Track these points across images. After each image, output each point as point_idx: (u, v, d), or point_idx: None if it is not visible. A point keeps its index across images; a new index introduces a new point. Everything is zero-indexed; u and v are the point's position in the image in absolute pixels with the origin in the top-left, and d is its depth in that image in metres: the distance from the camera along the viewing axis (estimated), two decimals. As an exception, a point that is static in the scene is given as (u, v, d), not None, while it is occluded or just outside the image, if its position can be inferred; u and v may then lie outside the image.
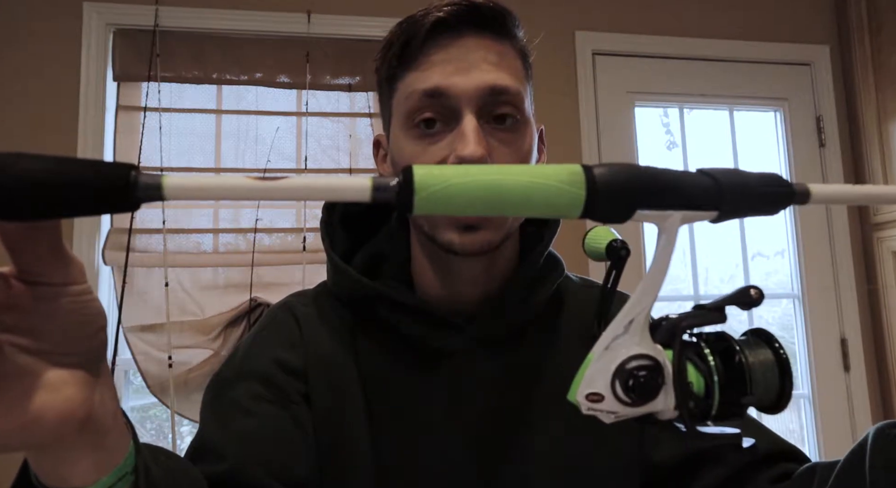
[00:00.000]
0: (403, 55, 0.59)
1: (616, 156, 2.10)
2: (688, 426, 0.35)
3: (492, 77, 0.57)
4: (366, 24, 1.98)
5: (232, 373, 0.64)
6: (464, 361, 0.63)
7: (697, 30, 2.20)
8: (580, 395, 0.35)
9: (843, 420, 2.09)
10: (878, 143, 2.11)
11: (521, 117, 0.60)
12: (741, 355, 0.36)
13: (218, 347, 1.75)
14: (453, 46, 0.58)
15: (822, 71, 2.25)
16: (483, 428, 0.62)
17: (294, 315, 0.67)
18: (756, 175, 0.35)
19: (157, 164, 1.81)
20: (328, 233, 0.69)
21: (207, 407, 0.63)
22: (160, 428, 1.99)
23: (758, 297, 0.36)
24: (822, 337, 2.13)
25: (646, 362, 0.34)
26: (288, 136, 1.94)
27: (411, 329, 0.63)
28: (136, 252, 1.76)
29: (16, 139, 1.78)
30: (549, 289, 0.67)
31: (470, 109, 0.57)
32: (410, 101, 0.59)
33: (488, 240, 0.59)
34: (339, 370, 0.63)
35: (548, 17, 2.11)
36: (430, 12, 0.58)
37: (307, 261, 1.82)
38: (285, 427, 0.60)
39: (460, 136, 0.56)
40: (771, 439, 0.64)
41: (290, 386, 0.62)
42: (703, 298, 2.16)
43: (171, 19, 1.87)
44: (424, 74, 0.58)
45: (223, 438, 0.59)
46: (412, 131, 0.59)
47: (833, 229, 2.17)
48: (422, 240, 0.65)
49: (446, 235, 0.59)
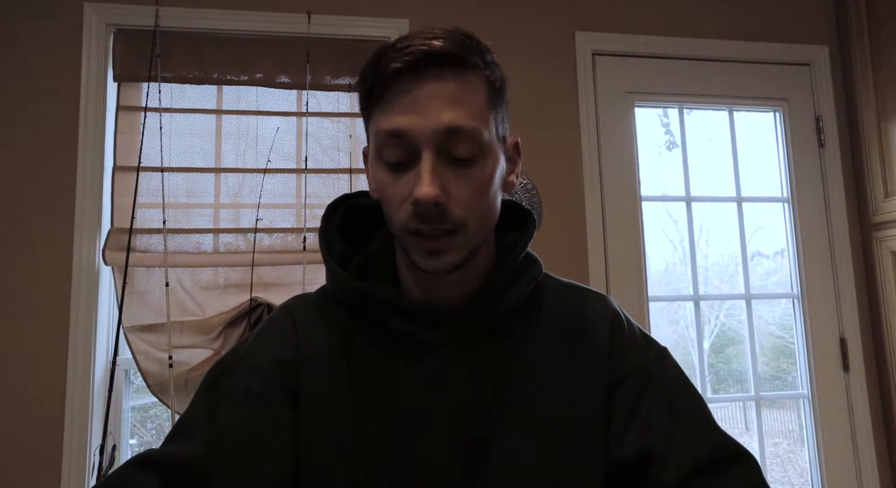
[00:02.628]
0: (371, 95, 0.65)
1: (615, 156, 2.10)
2: None
3: (448, 117, 0.61)
4: (366, 24, 1.98)
5: (232, 365, 0.69)
6: (446, 354, 0.68)
7: (697, 30, 2.20)
8: None
9: (842, 420, 2.09)
10: (877, 144, 2.11)
11: (479, 151, 0.63)
12: None
13: (218, 347, 1.75)
14: (414, 90, 0.62)
15: (821, 71, 2.25)
16: (464, 417, 0.66)
17: (292, 317, 0.73)
18: None
19: (158, 164, 1.82)
20: (326, 240, 0.74)
21: (202, 392, 0.68)
22: (160, 428, 1.99)
23: None
24: (821, 337, 2.13)
25: None
26: (288, 136, 1.94)
27: (397, 324, 0.68)
28: (137, 252, 1.76)
29: (16, 139, 1.78)
30: (526, 286, 0.72)
31: (429, 148, 0.61)
32: (377, 138, 0.64)
33: (452, 262, 0.65)
34: (331, 365, 0.68)
35: (548, 17, 2.11)
36: (393, 59, 0.62)
37: (307, 261, 1.82)
38: (264, 428, 0.64)
39: (417, 176, 0.61)
40: (710, 445, 0.65)
41: (281, 383, 0.67)
42: (703, 298, 2.17)
43: (171, 19, 1.88)
44: (387, 117, 0.63)
45: (205, 426, 0.63)
46: (381, 163, 0.65)
47: (833, 229, 2.18)
48: (401, 252, 0.71)
49: (414, 257, 0.66)
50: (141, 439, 1.97)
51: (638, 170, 2.11)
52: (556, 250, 1.99)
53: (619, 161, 2.10)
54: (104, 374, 1.76)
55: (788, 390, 2.23)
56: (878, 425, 2.09)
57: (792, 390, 2.19)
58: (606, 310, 0.75)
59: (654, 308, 2.08)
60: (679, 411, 0.67)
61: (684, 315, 2.18)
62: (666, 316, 2.33)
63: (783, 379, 2.30)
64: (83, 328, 1.72)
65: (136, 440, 1.94)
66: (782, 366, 2.33)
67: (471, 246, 0.66)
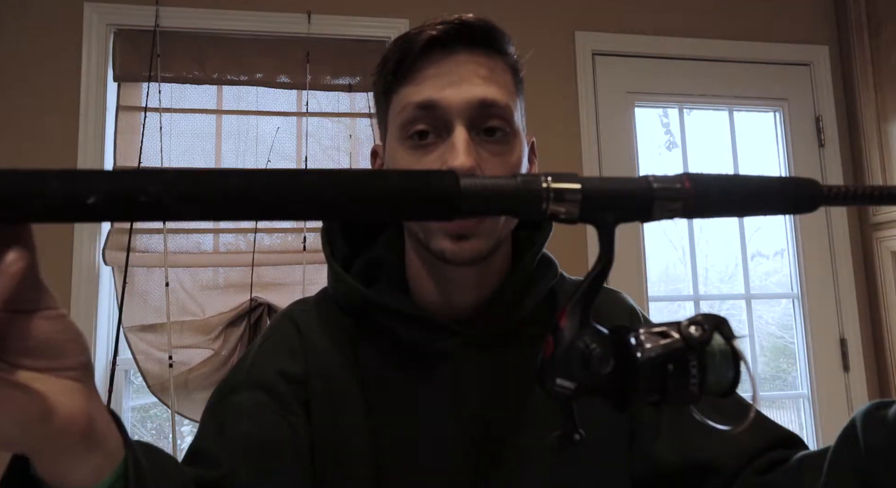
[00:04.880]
0: (399, 70, 0.62)
1: (616, 156, 2.10)
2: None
3: (481, 91, 0.60)
4: (366, 24, 1.98)
5: (238, 381, 0.66)
6: (460, 363, 0.65)
7: (697, 30, 2.20)
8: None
9: (842, 420, 2.06)
10: (877, 143, 2.11)
11: (510, 130, 0.62)
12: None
13: (218, 347, 1.75)
14: (446, 62, 0.60)
15: (821, 71, 2.25)
16: (479, 428, 0.64)
17: (295, 323, 0.70)
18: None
19: (158, 164, 1.82)
20: (329, 240, 0.70)
21: (208, 412, 0.66)
22: (160, 427, 1.99)
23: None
24: (821, 337, 2.13)
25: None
26: (288, 136, 1.94)
27: (408, 333, 0.65)
28: (137, 252, 1.76)
29: (16, 139, 1.78)
30: (542, 291, 0.69)
31: (461, 121, 0.59)
32: (405, 113, 0.61)
33: (479, 248, 0.61)
34: (339, 374, 0.65)
35: (548, 17, 2.11)
36: (425, 30, 0.61)
37: (307, 261, 1.82)
38: (282, 434, 0.62)
39: (451, 148, 0.59)
40: (763, 434, 0.65)
41: (292, 395, 0.64)
42: (703, 298, 2.17)
43: (171, 19, 1.88)
44: (418, 88, 0.60)
45: (219, 444, 0.61)
46: (406, 142, 0.62)
47: (833, 229, 2.18)
48: (416, 248, 0.67)
49: (439, 244, 0.61)
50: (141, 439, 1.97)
51: (638, 169, 2.11)
52: (556, 250, 1.98)
53: (620, 161, 2.10)
54: (104, 374, 1.76)
55: (788, 390, 2.23)
56: (878, 425, 2.09)
57: (792, 390, 2.19)
58: (623, 307, 0.73)
59: (654, 308, 2.08)
60: (718, 403, 0.66)
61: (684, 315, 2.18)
62: (666, 316, 2.33)
63: (783, 379, 2.30)
64: (83, 328, 1.69)
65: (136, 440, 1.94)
66: (782, 366, 2.33)
67: (497, 235, 0.63)
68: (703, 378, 0.37)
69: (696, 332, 0.37)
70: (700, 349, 0.37)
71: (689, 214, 0.37)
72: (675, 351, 0.37)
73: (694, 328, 0.37)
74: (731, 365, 0.37)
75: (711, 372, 0.37)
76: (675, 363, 0.36)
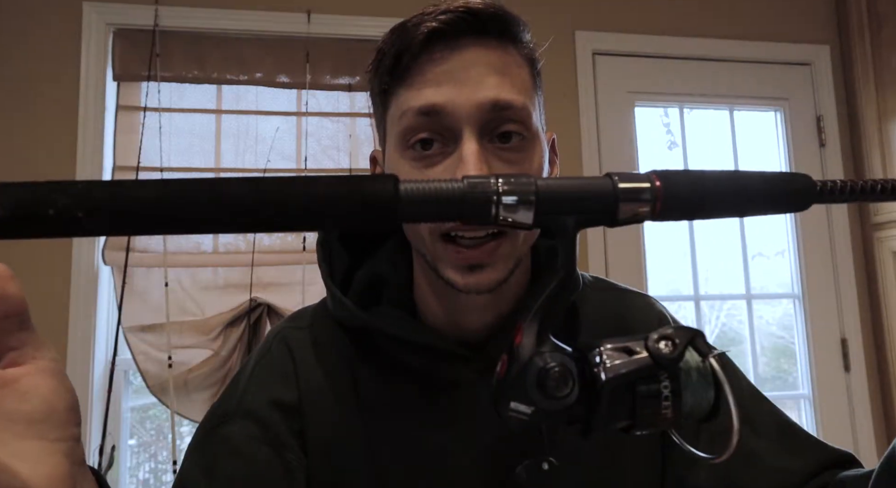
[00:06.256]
0: (396, 69, 0.53)
1: (616, 156, 2.09)
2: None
3: (494, 92, 0.51)
4: (366, 24, 1.97)
5: (228, 411, 0.61)
6: (471, 392, 0.58)
7: (697, 30, 2.19)
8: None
9: (843, 420, 2.09)
10: (878, 143, 2.11)
11: (528, 134, 0.54)
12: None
13: (217, 347, 1.75)
14: (451, 58, 0.52)
15: (822, 71, 2.25)
16: (491, 460, 0.58)
17: (288, 346, 0.63)
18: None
19: (157, 164, 1.81)
20: (325, 256, 0.63)
21: (197, 446, 0.60)
22: (160, 428, 1.99)
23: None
24: (822, 337, 2.12)
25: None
26: (288, 136, 1.94)
27: (413, 359, 0.59)
28: (136, 252, 1.76)
29: (16, 139, 1.78)
30: (565, 305, 0.62)
31: (470, 129, 0.51)
32: (405, 120, 0.53)
33: (495, 278, 0.54)
34: (337, 401, 0.60)
35: (548, 17, 2.11)
36: (425, 20, 0.52)
37: (307, 261, 1.82)
38: (275, 473, 0.56)
39: (459, 160, 0.51)
40: (813, 455, 0.59)
41: (285, 425, 0.59)
42: (703, 298, 2.16)
43: (171, 19, 1.87)
44: (419, 91, 0.52)
45: (206, 485, 0.56)
46: (408, 152, 0.54)
47: (833, 229, 2.17)
48: (424, 269, 0.59)
49: (448, 274, 0.54)
50: (140, 439, 1.97)
51: (638, 169, 2.11)
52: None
53: (620, 161, 2.09)
54: (103, 374, 1.75)
55: (789, 390, 2.23)
56: (879, 425, 2.08)
57: (792, 390, 2.19)
58: (651, 314, 0.67)
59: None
60: (757, 423, 0.60)
61: (684, 315, 2.18)
62: (666, 316, 2.32)
63: (784, 379, 2.29)
64: (82, 328, 1.72)
65: (136, 440, 1.94)
66: (783, 367, 2.33)
67: (517, 256, 0.55)
68: (678, 400, 0.32)
69: (665, 348, 0.32)
70: (671, 367, 0.32)
71: (662, 217, 0.32)
72: (642, 369, 0.32)
73: (663, 343, 0.33)
74: (710, 383, 0.33)
75: (688, 392, 0.33)
76: (644, 383, 0.32)
